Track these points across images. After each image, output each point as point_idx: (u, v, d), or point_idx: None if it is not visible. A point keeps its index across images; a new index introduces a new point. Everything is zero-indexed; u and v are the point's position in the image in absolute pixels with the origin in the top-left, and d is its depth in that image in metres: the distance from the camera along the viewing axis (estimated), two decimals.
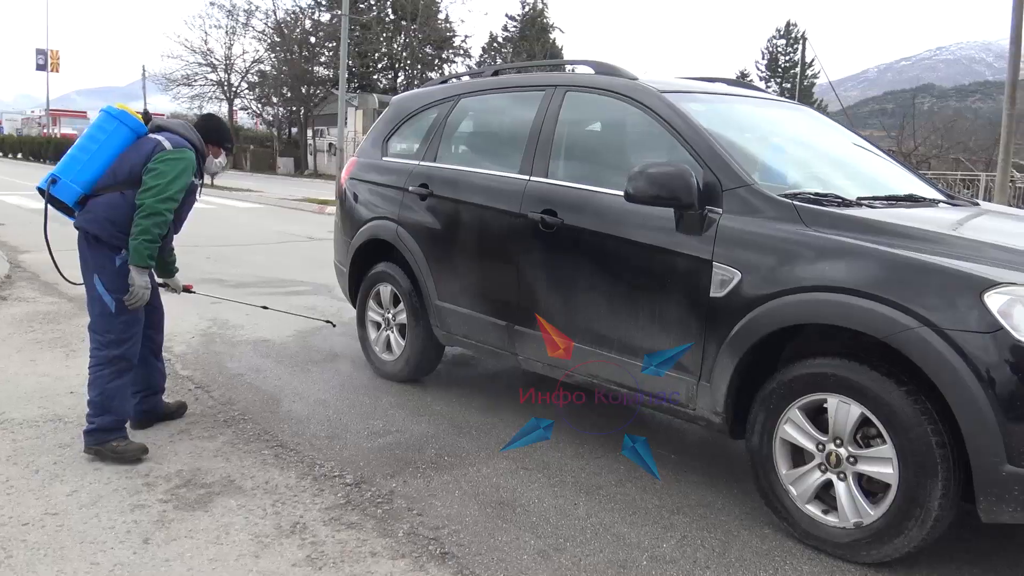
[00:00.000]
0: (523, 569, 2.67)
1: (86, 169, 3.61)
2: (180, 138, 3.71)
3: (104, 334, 3.64)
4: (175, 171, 3.57)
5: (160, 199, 3.51)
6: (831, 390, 2.74)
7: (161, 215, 3.53)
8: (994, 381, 2.39)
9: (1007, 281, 2.46)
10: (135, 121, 3.70)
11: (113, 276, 3.61)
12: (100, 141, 3.62)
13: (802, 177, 3.52)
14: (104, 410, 3.58)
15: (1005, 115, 14.47)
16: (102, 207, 3.60)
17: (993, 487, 2.43)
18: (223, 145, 4.02)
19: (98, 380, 3.61)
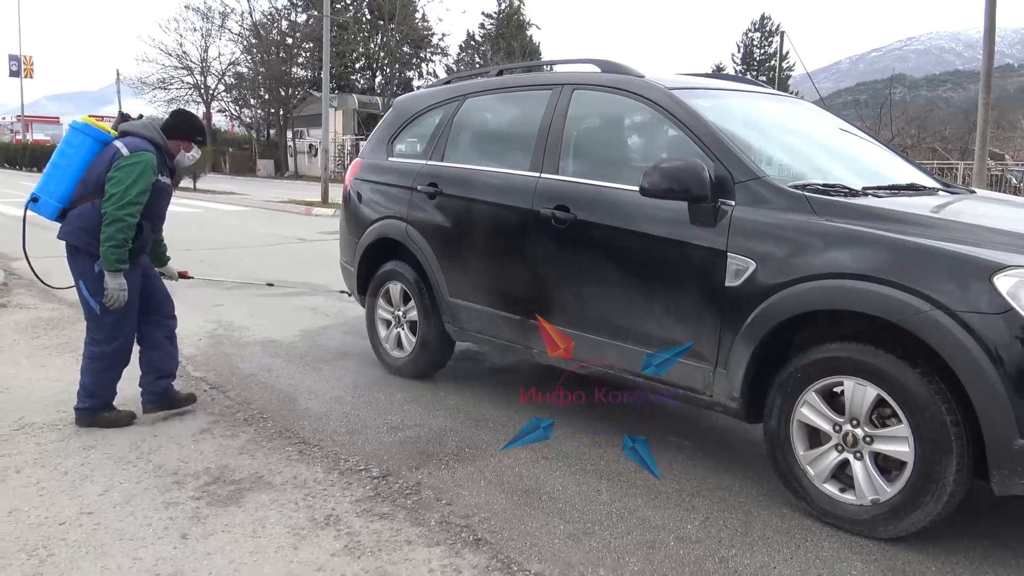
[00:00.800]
0: (556, 552, 2.77)
1: (60, 184, 3.86)
2: (140, 140, 3.86)
3: (95, 332, 3.96)
4: (132, 176, 3.72)
5: (120, 206, 3.69)
6: (847, 373, 2.85)
7: (123, 220, 3.71)
8: (1005, 360, 2.51)
9: (1015, 264, 2.58)
10: (97, 131, 3.90)
11: (94, 281, 3.85)
12: (69, 156, 3.85)
13: (808, 169, 3.63)
14: (91, 395, 3.97)
15: (981, 105, 14.76)
16: (76, 218, 3.83)
17: (1006, 461, 2.55)
18: (192, 139, 4.13)
19: (91, 370, 3.96)
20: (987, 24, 15.33)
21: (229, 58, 43.61)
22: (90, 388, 3.96)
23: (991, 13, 14.98)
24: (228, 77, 43.66)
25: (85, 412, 3.97)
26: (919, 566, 2.70)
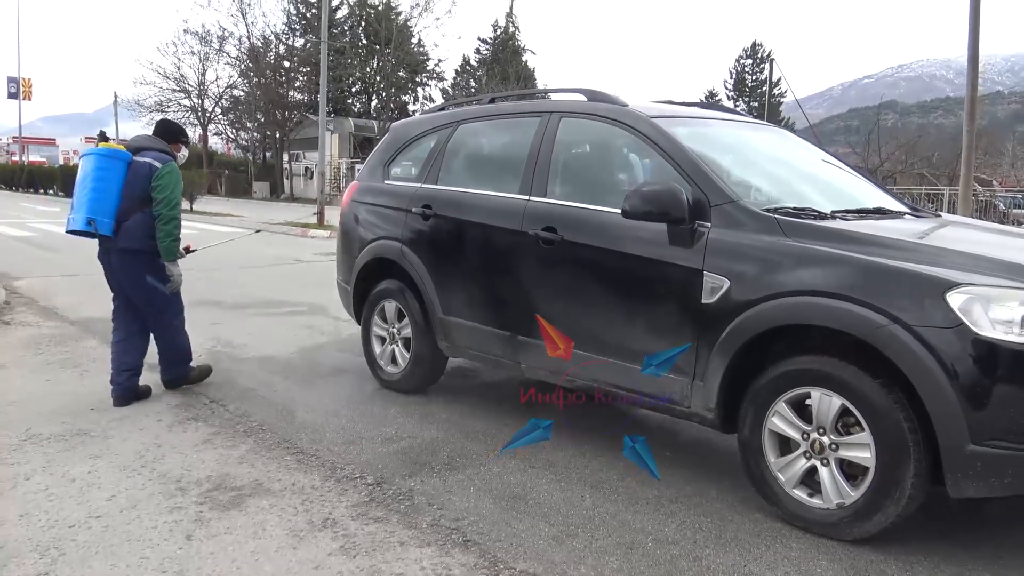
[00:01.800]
0: (540, 552, 2.94)
1: (108, 204, 4.55)
2: (161, 154, 4.74)
3: (172, 310, 4.88)
4: (173, 182, 4.66)
5: (171, 207, 4.63)
6: (815, 384, 3.05)
7: (175, 219, 4.67)
8: (957, 371, 2.71)
9: (966, 282, 2.78)
10: (124, 153, 4.65)
11: (160, 272, 4.72)
12: (108, 180, 4.56)
13: (781, 193, 3.84)
14: (181, 361, 4.98)
15: (965, 132, 15.06)
16: (136, 227, 4.61)
17: (959, 465, 2.74)
18: (179, 140, 5.01)
19: (174, 342, 4.92)
20: (971, 53, 15.68)
21: (226, 81, 43.95)
22: (178, 354, 4.94)
23: (974, 43, 15.35)
24: (225, 100, 44.00)
25: (176, 379, 4.96)
26: (881, 564, 2.88)
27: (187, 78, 42.94)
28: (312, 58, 41.69)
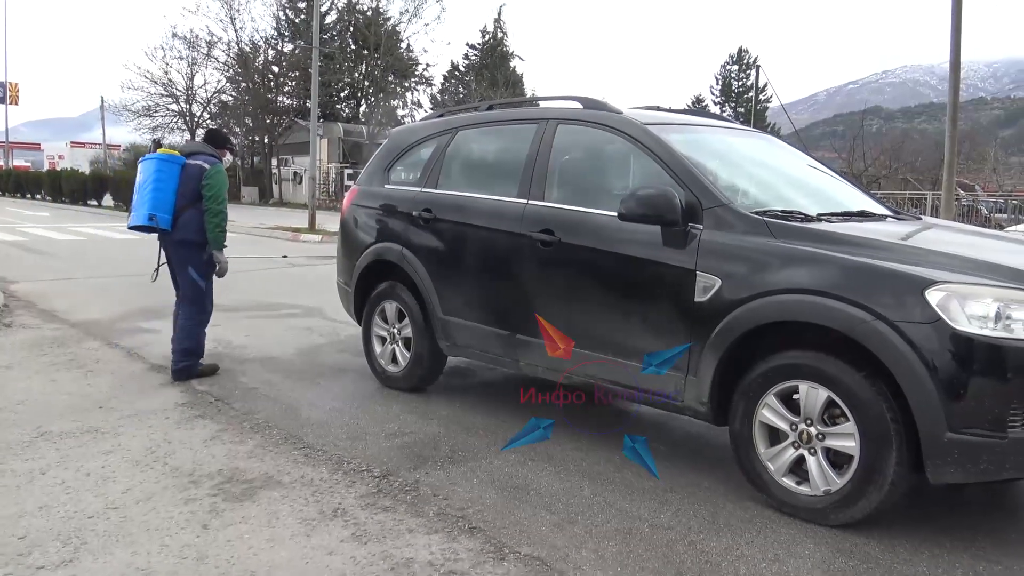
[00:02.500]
0: (543, 537, 3.09)
1: (166, 201, 5.22)
2: (210, 157, 5.43)
3: (200, 305, 5.46)
4: (220, 181, 5.35)
5: (219, 202, 5.30)
6: (802, 378, 3.22)
7: (222, 213, 5.33)
8: (935, 363, 2.88)
9: (944, 280, 2.96)
10: (178, 158, 5.32)
11: (203, 265, 5.41)
12: (165, 180, 5.23)
13: (768, 197, 4.01)
14: (192, 353, 5.38)
15: (948, 138, 15.36)
16: (189, 222, 5.30)
17: (938, 452, 2.91)
18: (226, 146, 5.77)
19: (193, 335, 5.39)
20: (952, 59, 15.99)
21: (215, 86, 43.98)
22: (191, 349, 5.36)
23: (956, 50, 15.65)
24: (213, 105, 44.00)
25: (184, 370, 5.32)
26: (864, 547, 3.04)
27: (175, 83, 42.95)
28: (301, 63, 41.79)
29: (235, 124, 43.25)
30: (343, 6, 45.23)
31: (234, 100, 42.96)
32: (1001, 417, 2.82)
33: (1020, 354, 2.83)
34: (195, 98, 43.64)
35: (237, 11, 43.18)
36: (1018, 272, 3.06)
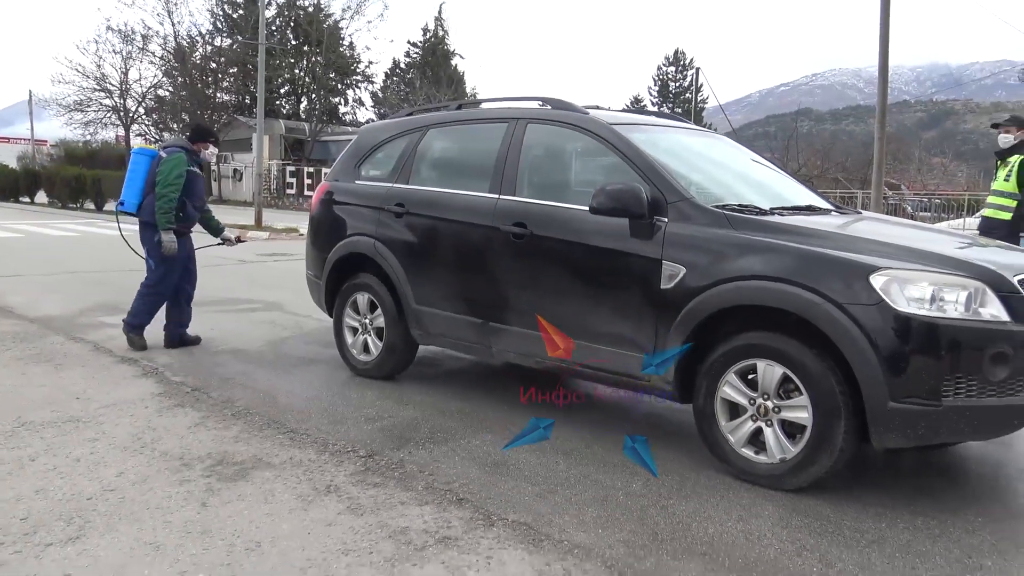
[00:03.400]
0: (528, 506, 3.34)
1: (134, 189, 6.04)
2: (174, 148, 6.05)
3: (148, 279, 6.10)
4: (169, 167, 5.88)
5: (163, 186, 5.85)
6: (760, 356, 3.53)
7: (165, 196, 5.84)
8: (879, 340, 3.21)
9: (886, 266, 3.30)
10: (150, 151, 6.14)
11: (151, 246, 6.00)
12: (136, 171, 6.03)
13: (725, 192, 4.32)
14: (135, 315, 6.09)
15: (876, 139, 16.10)
16: (147, 206, 5.97)
17: (881, 420, 3.24)
18: (206, 140, 6.32)
19: (140, 299, 6.10)
20: (881, 63, 16.76)
21: (151, 81, 42.98)
22: (135, 310, 6.08)
23: (884, 53, 16.41)
24: (149, 100, 43.01)
25: (129, 325, 6.09)
26: (816, 507, 3.37)
27: (108, 77, 41.86)
28: (239, 58, 41.19)
29: (171, 120, 42.37)
30: (283, 2, 44.72)
31: (171, 95, 42.06)
32: (936, 387, 3.17)
33: (952, 331, 3.19)
34: (130, 93, 42.60)
35: (175, 5, 42.39)
36: (949, 259, 3.43)
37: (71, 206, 31.52)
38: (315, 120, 42.60)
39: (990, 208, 7.20)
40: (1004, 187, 7.05)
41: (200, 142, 6.25)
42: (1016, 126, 7.17)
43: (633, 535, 3.09)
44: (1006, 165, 7.10)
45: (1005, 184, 7.04)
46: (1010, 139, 7.16)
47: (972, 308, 3.24)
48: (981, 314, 3.24)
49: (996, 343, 3.19)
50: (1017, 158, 7.00)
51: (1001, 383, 3.20)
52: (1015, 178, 6.96)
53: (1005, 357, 3.19)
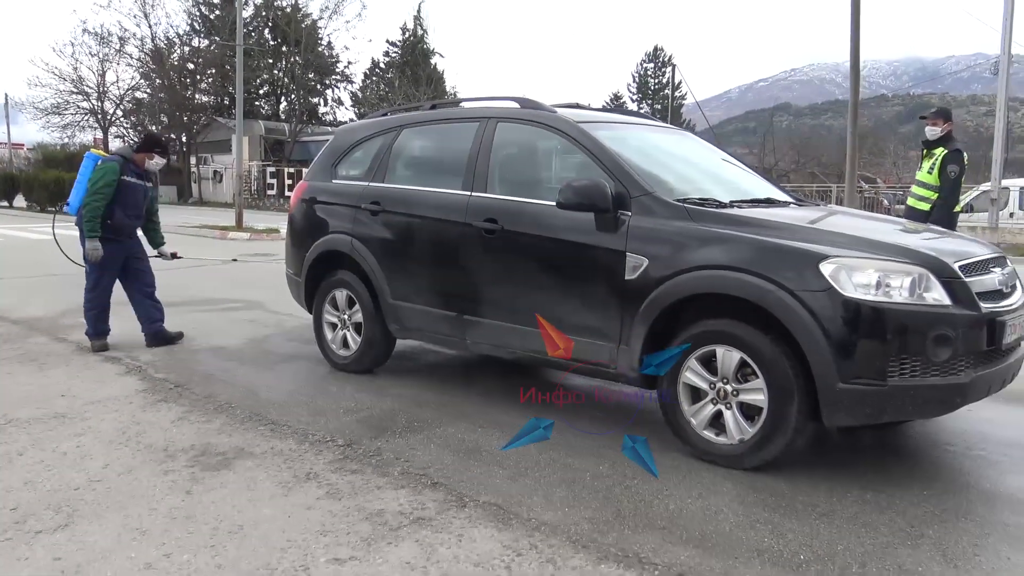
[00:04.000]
0: (498, 488, 3.50)
1: (77, 193, 6.06)
2: (111, 156, 6.11)
3: (86, 282, 6.12)
4: (98, 176, 5.90)
5: (89, 194, 5.89)
6: (719, 342, 3.70)
7: (90, 205, 5.86)
8: (828, 324, 3.40)
9: (835, 255, 3.49)
10: (96, 156, 6.13)
11: (83, 252, 6.02)
12: (83, 175, 6.02)
13: (687, 186, 4.50)
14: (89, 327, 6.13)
15: (849, 134, 16.39)
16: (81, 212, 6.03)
17: (831, 400, 3.43)
18: (151, 151, 6.26)
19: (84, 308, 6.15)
20: (853, 60, 17.04)
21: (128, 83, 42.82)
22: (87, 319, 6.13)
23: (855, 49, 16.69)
24: (127, 102, 42.83)
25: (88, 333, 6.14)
26: (772, 484, 3.55)
27: (85, 80, 41.66)
28: (217, 60, 41.11)
29: (150, 122, 42.23)
30: (261, 2, 44.62)
31: (149, 97, 41.91)
32: (882, 368, 3.36)
33: (896, 315, 3.37)
34: (107, 95, 42.41)
35: (151, 7, 42.22)
36: (895, 247, 3.62)
37: (50, 209, 31.37)
38: (295, 121, 42.58)
39: (912, 198, 7.37)
40: (927, 179, 7.23)
41: (144, 152, 6.21)
42: (942, 119, 7.31)
43: (598, 513, 3.26)
44: (931, 157, 7.26)
45: (928, 176, 7.22)
46: (937, 131, 7.27)
47: (916, 293, 3.43)
48: (925, 299, 3.43)
49: (938, 326, 3.38)
50: (941, 151, 7.17)
51: (943, 364, 3.40)
52: (937, 171, 7.14)
53: (947, 339, 3.38)
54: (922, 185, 7.27)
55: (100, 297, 6.08)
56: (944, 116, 7.35)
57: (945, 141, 7.23)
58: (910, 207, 7.30)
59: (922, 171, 7.32)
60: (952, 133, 7.32)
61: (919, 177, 7.34)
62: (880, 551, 2.95)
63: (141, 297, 6.26)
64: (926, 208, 7.18)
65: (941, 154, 7.16)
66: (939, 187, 7.13)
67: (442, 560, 2.85)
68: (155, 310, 6.31)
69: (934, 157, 7.21)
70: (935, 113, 7.44)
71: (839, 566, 2.83)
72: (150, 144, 6.33)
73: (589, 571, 2.78)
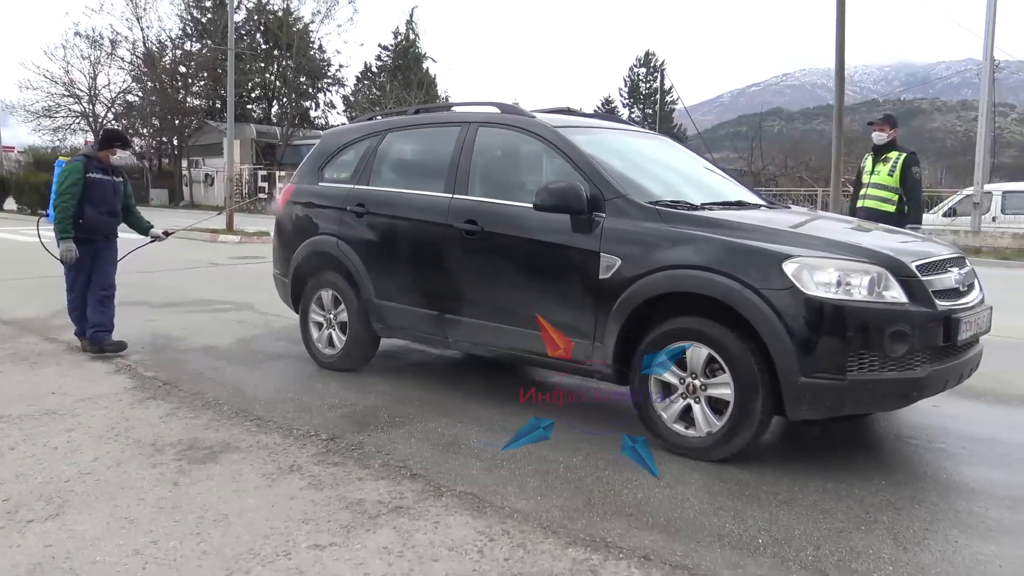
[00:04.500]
0: (475, 479, 3.64)
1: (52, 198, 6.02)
2: (76, 157, 6.14)
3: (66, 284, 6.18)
4: (62, 176, 5.92)
5: (57, 196, 5.90)
6: (688, 339, 3.85)
7: (59, 207, 5.86)
8: (791, 321, 3.55)
9: (797, 255, 3.64)
10: (61, 162, 6.18)
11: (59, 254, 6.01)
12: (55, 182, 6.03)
13: (660, 189, 4.64)
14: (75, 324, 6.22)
15: (834, 139, 16.61)
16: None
17: (794, 394, 3.58)
18: (111, 146, 6.21)
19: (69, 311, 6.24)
20: (838, 65, 17.27)
21: (120, 86, 42.84)
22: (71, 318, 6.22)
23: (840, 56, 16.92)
24: (118, 106, 42.87)
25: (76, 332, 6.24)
26: (739, 475, 3.70)
27: (77, 83, 41.69)
28: (209, 63, 41.18)
29: (141, 125, 42.28)
30: (252, 6, 44.73)
31: (140, 100, 41.95)
32: (842, 363, 3.51)
33: (856, 313, 3.53)
34: (99, 98, 42.45)
35: (143, 10, 42.28)
36: (855, 248, 3.78)
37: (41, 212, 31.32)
38: (286, 124, 42.65)
39: (872, 200, 7.54)
40: (888, 182, 7.44)
41: (106, 148, 6.18)
42: (888, 125, 7.59)
43: (569, 501, 3.40)
44: (886, 161, 7.49)
45: (889, 179, 7.43)
46: (883, 136, 7.56)
47: (875, 291, 3.59)
48: (883, 297, 3.59)
49: (896, 323, 3.54)
50: (897, 154, 7.43)
51: (901, 359, 3.55)
52: (898, 174, 7.38)
53: (904, 335, 3.53)
54: (883, 188, 7.48)
55: (80, 298, 6.15)
56: (890, 123, 7.64)
57: (895, 146, 7.54)
58: (872, 209, 7.45)
59: (880, 175, 7.51)
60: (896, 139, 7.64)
61: (877, 180, 7.53)
62: (835, 535, 3.10)
63: (94, 300, 6.10)
64: (891, 209, 7.37)
65: (899, 157, 7.41)
66: (904, 189, 7.36)
67: (418, 545, 2.99)
68: (100, 315, 6.09)
69: (891, 161, 7.44)
70: (882, 120, 7.74)
71: (795, 548, 2.98)
72: (110, 139, 6.28)
73: (558, 554, 2.92)
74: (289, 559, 2.89)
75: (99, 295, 6.11)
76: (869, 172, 7.64)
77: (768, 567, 2.85)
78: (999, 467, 3.93)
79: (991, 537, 3.13)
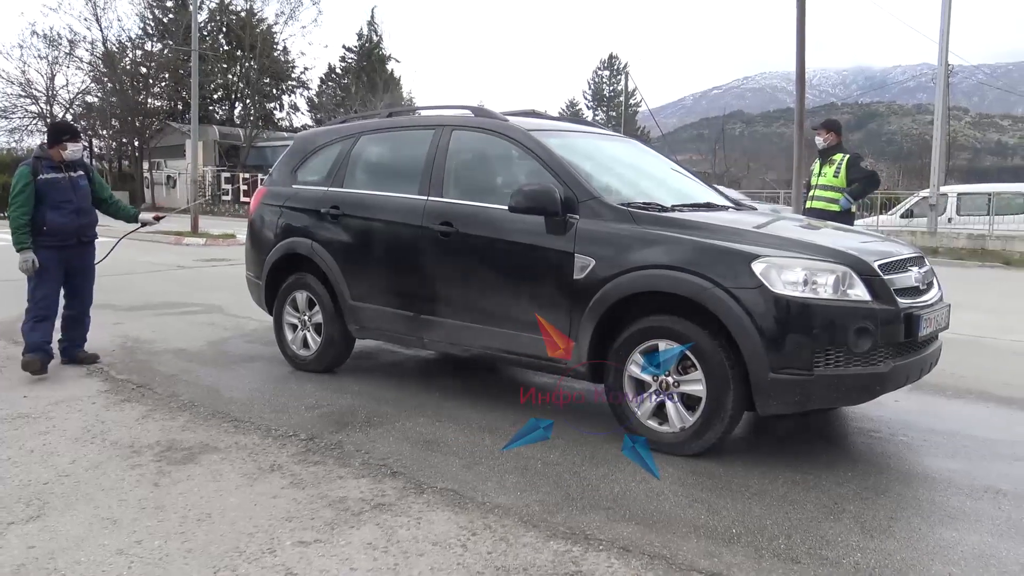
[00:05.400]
0: (454, 476, 3.70)
1: None
2: (27, 161, 5.70)
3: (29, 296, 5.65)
4: (12, 184, 5.51)
5: (10, 207, 5.49)
6: (661, 337, 3.96)
7: (11, 216, 5.47)
8: (760, 319, 3.67)
9: (765, 254, 3.76)
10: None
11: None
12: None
13: (632, 191, 4.75)
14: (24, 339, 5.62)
15: (796, 143, 16.93)
16: None
17: (763, 389, 3.70)
18: (59, 141, 5.68)
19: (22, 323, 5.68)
20: (798, 70, 17.61)
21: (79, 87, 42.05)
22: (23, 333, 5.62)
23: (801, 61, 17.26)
24: (77, 106, 42.09)
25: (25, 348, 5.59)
26: (710, 467, 3.82)
27: (34, 83, 40.84)
28: (170, 64, 40.63)
29: (100, 126, 41.56)
30: (215, 6, 44.24)
31: (100, 102, 41.23)
32: (809, 359, 3.64)
33: (822, 310, 3.66)
34: (56, 99, 41.61)
35: (102, 9, 41.60)
36: (821, 248, 3.91)
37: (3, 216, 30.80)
38: (250, 126, 42.25)
39: (820, 201, 7.99)
40: (834, 183, 7.92)
41: (56, 144, 5.65)
42: (826, 129, 8.19)
43: (548, 496, 3.48)
44: (832, 163, 7.99)
45: (835, 180, 7.91)
46: (823, 141, 8.15)
47: (840, 290, 3.72)
48: (848, 295, 3.73)
49: (860, 320, 3.67)
50: (841, 156, 7.94)
51: (865, 354, 3.69)
52: (843, 174, 7.87)
53: (868, 332, 3.67)
54: (830, 188, 7.94)
55: (36, 311, 5.58)
56: (830, 128, 8.21)
57: (839, 148, 8.07)
58: (820, 210, 7.85)
59: (826, 176, 8.00)
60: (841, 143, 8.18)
61: (824, 182, 8.01)
62: (805, 524, 3.22)
63: (68, 315, 5.87)
64: (837, 209, 7.83)
65: (843, 158, 7.91)
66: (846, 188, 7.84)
67: (402, 540, 3.05)
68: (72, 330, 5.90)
69: (836, 163, 7.94)
70: (823, 125, 8.36)
71: (767, 537, 3.10)
72: (57, 134, 5.72)
73: (539, 547, 3.00)
74: (275, 556, 2.93)
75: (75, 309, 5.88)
76: (817, 175, 8.13)
77: (743, 556, 2.96)
78: (958, 458, 4.10)
79: (951, 524, 3.28)
